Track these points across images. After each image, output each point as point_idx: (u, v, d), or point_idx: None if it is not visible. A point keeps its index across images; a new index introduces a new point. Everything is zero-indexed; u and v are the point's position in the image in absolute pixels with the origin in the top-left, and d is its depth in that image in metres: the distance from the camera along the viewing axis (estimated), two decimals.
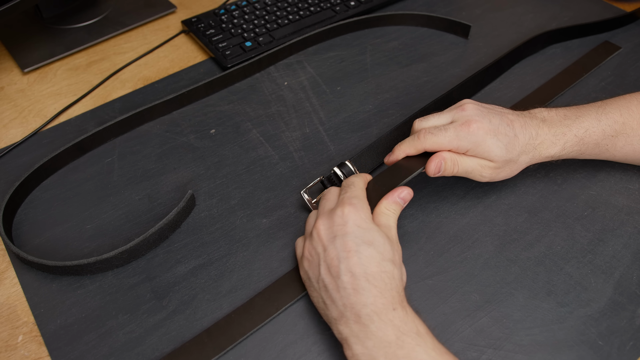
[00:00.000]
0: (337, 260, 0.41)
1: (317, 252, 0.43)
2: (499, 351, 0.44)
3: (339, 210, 0.43)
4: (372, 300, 0.39)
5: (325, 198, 0.47)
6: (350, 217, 0.43)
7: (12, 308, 0.48)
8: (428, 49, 0.72)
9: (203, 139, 0.61)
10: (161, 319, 0.46)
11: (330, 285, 0.41)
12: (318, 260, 0.43)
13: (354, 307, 0.39)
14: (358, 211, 0.43)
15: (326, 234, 0.43)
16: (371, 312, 0.39)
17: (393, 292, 0.40)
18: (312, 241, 0.44)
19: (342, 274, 0.40)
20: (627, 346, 0.44)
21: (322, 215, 0.45)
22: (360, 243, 0.41)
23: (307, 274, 0.44)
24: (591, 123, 0.50)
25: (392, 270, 0.41)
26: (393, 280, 0.41)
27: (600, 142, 0.50)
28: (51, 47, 0.73)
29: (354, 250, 0.41)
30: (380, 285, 0.40)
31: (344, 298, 0.40)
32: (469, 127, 0.47)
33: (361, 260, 0.40)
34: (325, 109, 0.64)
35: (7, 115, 0.65)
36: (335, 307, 0.41)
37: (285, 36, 0.73)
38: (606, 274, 0.48)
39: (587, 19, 0.75)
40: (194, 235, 0.52)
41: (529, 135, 0.49)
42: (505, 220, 0.53)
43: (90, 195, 0.56)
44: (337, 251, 0.41)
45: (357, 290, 0.39)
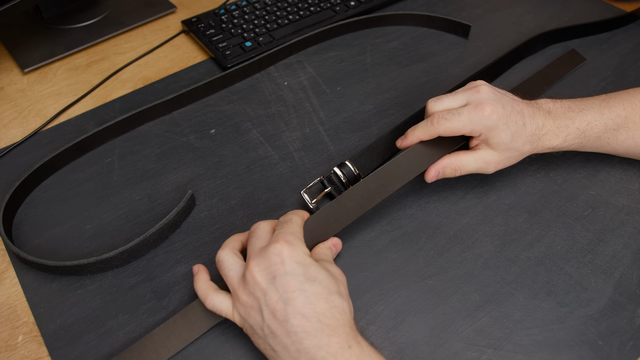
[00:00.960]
0: (282, 303, 0.38)
1: (255, 297, 0.39)
2: (499, 351, 0.44)
3: (272, 247, 0.40)
4: (326, 341, 0.37)
5: (254, 235, 0.43)
6: (287, 254, 0.39)
7: (12, 308, 0.48)
8: (428, 49, 0.72)
9: (203, 139, 0.61)
10: (161, 319, 0.46)
11: (279, 331, 0.38)
12: (258, 306, 0.39)
13: (308, 352, 0.37)
14: (294, 247, 0.40)
15: (263, 276, 0.39)
16: (327, 354, 0.36)
17: (346, 327, 0.38)
18: (247, 286, 0.40)
19: (290, 317, 0.37)
20: (627, 346, 0.44)
21: (254, 255, 0.41)
22: (303, 281, 0.38)
23: (246, 322, 0.40)
24: (594, 116, 0.50)
25: (342, 304, 0.39)
26: (344, 315, 0.39)
27: (602, 135, 0.50)
28: (51, 47, 0.73)
29: (299, 290, 0.38)
30: (332, 322, 0.38)
31: (296, 343, 0.37)
32: (484, 110, 0.47)
33: (308, 299, 0.38)
34: (325, 109, 0.64)
35: (7, 115, 0.65)
36: (287, 353, 0.38)
37: (285, 36, 0.73)
38: (606, 274, 0.48)
39: (587, 19, 0.75)
40: (194, 235, 0.52)
41: (535, 126, 0.49)
42: (505, 220, 0.53)
43: (90, 195, 0.56)
44: (280, 293, 0.38)
45: (309, 333, 0.37)
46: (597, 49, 0.71)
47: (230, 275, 0.42)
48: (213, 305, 0.42)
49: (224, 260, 0.43)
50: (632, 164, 0.57)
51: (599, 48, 0.71)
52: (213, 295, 0.43)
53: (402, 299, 0.47)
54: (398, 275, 0.49)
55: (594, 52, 0.71)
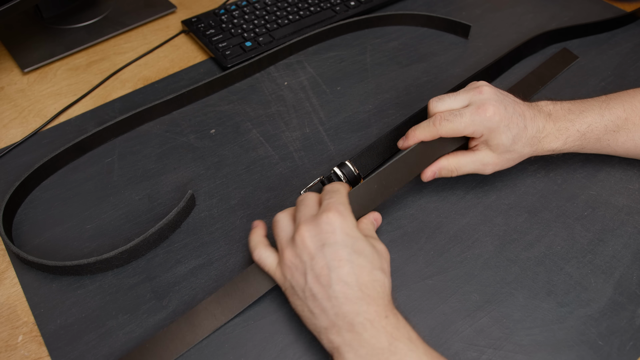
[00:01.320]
0: (327, 269, 0.39)
1: (302, 261, 0.41)
2: (499, 351, 0.44)
3: (324, 216, 0.41)
4: (365, 308, 0.38)
5: (303, 204, 0.44)
6: (338, 225, 0.41)
7: (12, 308, 0.48)
8: (428, 49, 0.72)
9: (203, 139, 0.61)
10: (161, 319, 0.46)
11: (320, 294, 0.40)
12: (304, 268, 0.41)
13: (346, 316, 0.38)
14: (345, 219, 0.42)
15: (313, 242, 0.41)
16: (364, 320, 0.38)
17: (385, 299, 0.40)
18: (295, 248, 0.41)
19: (333, 283, 0.39)
20: (627, 346, 0.44)
21: (306, 221, 0.42)
22: (351, 252, 0.40)
23: (289, 282, 0.42)
24: (594, 118, 0.50)
25: (383, 279, 0.41)
26: (384, 289, 0.40)
27: (602, 137, 0.51)
28: (51, 47, 0.73)
29: (346, 260, 0.40)
30: (372, 293, 0.39)
31: (335, 307, 0.39)
32: (486, 112, 0.47)
33: (353, 269, 0.40)
34: (325, 109, 0.64)
35: (7, 115, 0.65)
36: (325, 316, 0.39)
37: (285, 36, 0.73)
38: (606, 274, 0.48)
39: (587, 19, 0.75)
40: (194, 235, 0.52)
41: (536, 128, 0.49)
42: (505, 220, 0.53)
43: (90, 195, 0.56)
44: (327, 260, 0.40)
45: (350, 299, 0.39)
46: (597, 49, 0.71)
47: (282, 235, 0.44)
48: (259, 257, 0.44)
49: (280, 220, 0.45)
50: (632, 164, 0.57)
51: (599, 48, 0.71)
52: (262, 248, 0.45)
53: (402, 299, 0.47)
54: (398, 275, 0.49)
55: (594, 52, 0.71)
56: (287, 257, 0.42)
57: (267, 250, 0.45)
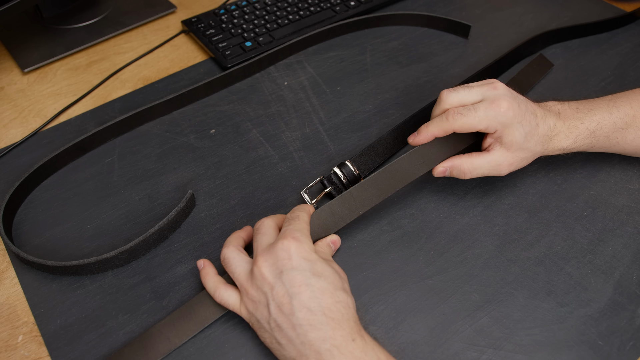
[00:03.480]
0: (287, 297, 0.39)
1: (263, 292, 0.40)
2: (499, 351, 0.44)
3: (279, 244, 0.41)
4: (330, 334, 0.38)
5: (259, 232, 0.44)
6: (294, 250, 0.40)
7: (12, 308, 0.48)
8: (428, 49, 0.72)
9: (203, 139, 0.61)
10: (161, 319, 0.46)
11: (284, 324, 0.39)
12: (266, 300, 0.40)
13: (313, 344, 0.38)
14: (301, 244, 0.41)
15: (271, 271, 0.40)
16: (331, 346, 0.37)
17: (350, 322, 0.39)
18: (255, 281, 0.41)
19: (296, 310, 0.38)
20: (627, 346, 0.44)
21: (262, 252, 0.42)
22: (309, 276, 0.40)
23: (253, 316, 0.41)
24: (603, 116, 0.50)
25: (346, 299, 0.40)
26: (348, 310, 0.40)
27: (611, 135, 0.50)
28: (51, 47, 0.73)
29: (305, 284, 0.39)
30: (337, 316, 0.39)
31: (301, 336, 0.38)
32: (500, 107, 0.46)
33: (314, 294, 0.39)
34: (325, 109, 0.64)
35: (7, 115, 0.65)
36: (292, 346, 0.39)
37: (285, 36, 0.73)
38: (606, 274, 0.48)
39: (587, 19, 0.75)
40: (194, 235, 0.52)
41: (547, 127, 0.49)
42: (505, 220, 0.53)
43: (90, 195, 0.56)
44: (286, 287, 0.39)
45: (314, 326, 0.38)
46: (597, 49, 0.71)
47: (238, 272, 0.43)
48: (221, 299, 0.44)
49: (230, 257, 0.44)
50: (632, 164, 0.57)
51: (599, 48, 0.71)
52: (222, 289, 0.44)
53: (402, 299, 0.47)
54: (398, 275, 0.49)
55: (594, 52, 0.71)
56: (248, 292, 0.41)
57: (227, 290, 0.44)
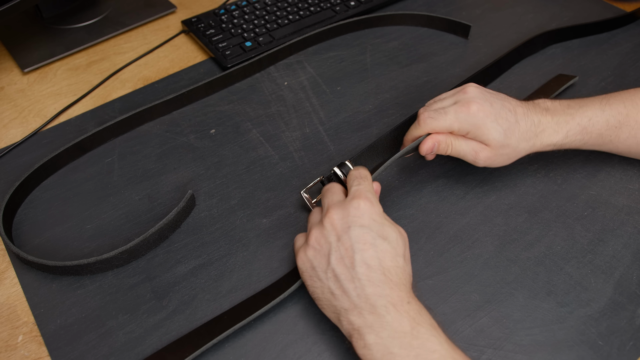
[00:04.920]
0: (351, 250, 0.41)
1: (327, 241, 0.42)
2: (499, 351, 0.44)
3: (355, 202, 0.43)
4: (388, 292, 0.39)
5: (330, 191, 0.47)
6: (367, 210, 0.42)
7: (12, 308, 0.48)
8: (428, 49, 0.72)
9: (203, 139, 0.61)
10: (161, 319, 0.46)
11: (343, 275, 0.41)
12: (329, 249, 0.42)
13: (369, 298, 0.39)
14: (373, 205, 0.43)
15: (341, 224, 0.42)
16: (387, 303, 0.39)
17: (407, 286, 0.41)
18: (323, 230, 0.43)
19: (357, 265, 0.40)
20: (627, 346, 0.44)
21: (334, 205, 0.44)
22: (376, 236, 0.41)
23: (310, 262, 0.43)
24: (595, 112, 0.50)
25: (404, 266, 0.42)
26: (405, 275, 0.41)
27: (604, 132, 0.50)
28: (51, 47, 0.73)
29: (370, 243, 0.41)
30: (394, 279, 0.40)
31: (358, 289, 0.40)
32: (469, 109, 0.48)
33: (377, 254, 0.41)
34: (325, 109, 0.64)
35: (7, 115, 0.65)
36: (347, 297, 0.40)
37: (285, 36, 0.73)
38: (606, 274, 0.48)
39: (587, 19, 0.75)
40: (194, 235, 0.52)
41: (530, 122, 0.49)
42: (505, 220, 0.53)
43: (90, 195, 0.56)
44: (352, 242, 0.41)
45: (373, 282, 0.40)
46: (597, 49, 0.71)
47: (312, 220, 0.46)
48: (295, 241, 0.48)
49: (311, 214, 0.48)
50: (632, 164, 0.57)
51: (599, 48, 0.71)
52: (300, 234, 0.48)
53: None
54: None
55: (594, 52, 0.71)
56: (313, 237, 0.43)
57: (302, 235, 0.47)
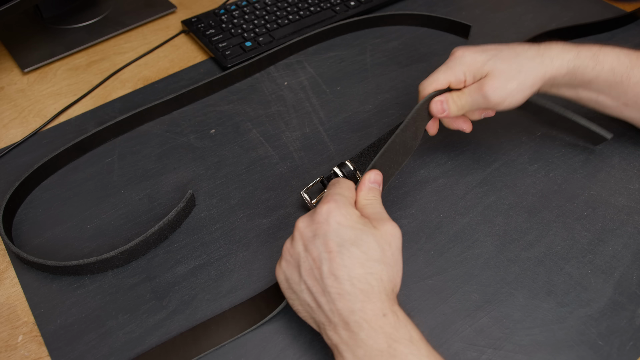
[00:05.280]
0: (319, 261, 0.38)
1: (297, 252, 0.40)
2: (499, 351, 0.44)
3: (319, 207, 0.40)
4: (359, 306, 0.37)
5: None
6: (331, 214, 0.39)
7: (12, 308, 0.48)
8: (428, 49, 0.72)
9: (203, 139, 0.61)
10: (161, 319, 0.46)
11: (314, 287, 0.38)
12: (298, 260, 0.40)
13: (341, 314, 0.37)
14: (340, 207, 0.40)
15: (307, 232, 0.40)
16: (360, 319, 0.36)
17: (382, 295, 0.37)
18: (292, 241, 0.41)
19: (324, 276, 0.38)
20: (627, 346, 0.44)
21: (303, 216, 0.42)
22: (341, 243, 0.38)
23: (284, 275, 0.41)
24: (604, 46, 0.50)
25: (380, 271, 0.38)
26: (381, 283, 0.38)
27: (616, 67, 0.49)
28: (51, 47, 0.73)
29: (336, 251, 0.38)
30: (366, 288, 0.37)
31: (330, 303, 0.37)
32: (454, 55, 0.49)
33: (344, 262, 0.37)
34: (325, 109, 0.64)
35: (7, 115, 0.65)
36: (321, 311, 0.38)
37: (285, 36, 0.73)
38: (606, 274, 0.48)
39: (587, 19, 0.75)
40: (194, 235, 0.52)
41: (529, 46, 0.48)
42: (505, 220, 0.53)
43: (90, 195, 0.56)
44: (319, 251, 0.38)
45: (342, 295, 0.37)
46: None
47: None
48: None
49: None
50: (632, 163, 0.57)
51: None
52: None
53: (402, 299, 0.47)
54: None
55: None
56: (285, 250, 0.42)
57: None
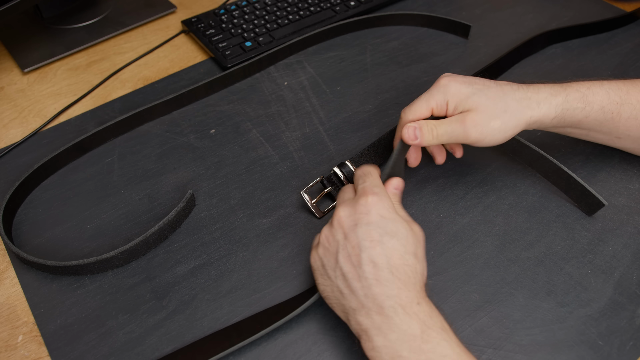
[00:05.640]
0: (358, 248, 0.40)
1: (335, 240, 0.41)
2: (499, 351, 0.44)
3: (362, 199, 0.42)
4: (396, 292, 0.38)
5: (343, 191, 0.46)
6: (374, 206, 0.41)
7: (12, 308, 0.48)
8: (428, 49, 0.72)
9: (203, 139, 0.61)
10: (161, 319, 0.46)
11: (350, 273, 0.40)
12: (336, 247, 0.41)
13: (376, 298, 0.38)
14: (382, 200, 0.42)
15: (348, 221, 0.41)
16: (395, 304, 0.38)
17: (417, 285, 0.39)
18: (331, 228, 0.42)
19: (363, 263, 0.39)
20: (627, 346, 0.44)
21: (344, 203, 0.43)
22: (383, 233, 0.40)
23: (321, 260, 0.43)
24: (592, 84, 0.49)
25: (415, 264, 0.40)
26: (415, 274, 0.40)
27: (606, 106, 0.48)
28: (51, 47, 0.73)
29: (377, 240, 0.39)
30: (403, 278, 0.39)
31: (365, 288, 0.39)
32: (439, 82, 0.48)
33: (384, 251, 0.39)
34: (325, 109, 0.64)
35: (7, 115, 0.65)
36: (354, 297, 0.39)
37: (285, 36, 0.73)
38: (606, 274, 0.48)
39: (587, 19, 0.75)
40: (194, 235, 0.52)
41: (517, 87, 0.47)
42: (505, 220, 0.53)
43: (90, 195, 0.56)
44: (359, 239, 0.40)
45: (380, 282, 0.38)
46: (597, 49, 0.71)
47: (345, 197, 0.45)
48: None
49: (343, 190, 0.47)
50: (632, 163, 0.57)
51: (599, 48, 0.71)
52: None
53: None
54: None
55: (594, 52, 0.71)
56: (322, 235, 0.43)
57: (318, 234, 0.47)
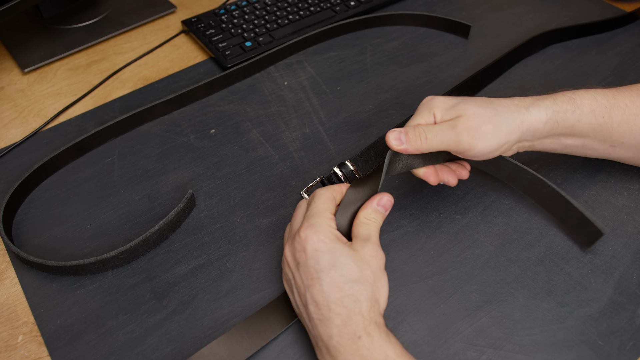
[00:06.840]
0: (303, 288, 0.40)
1: (288, 279, 0.43)
2: (499, 351, 0.44)
3: (297, 236, 0.41)
4: (336, 331, 0.38)
5: (295, 215, 0.45)
6: (308, 242, 0.40)
7: (12, 308, 0.48)
8: (428, 49, 0.72)
9: (203, 139, 0.61)
10: (161, 319, 0.46)
11: (303, 313, 0.41)
12: (291, 287, 0.43)
13: (322, 339, 0.39)
14: (316, 233, 0.41)
15: (292, 262, 0.42)
16: (337, 343, 0.38)
17: (358, 316, 0.38)
18: (284, 267, 0.44)
19: (308, 303, 0.40)
20: (627, 346, 0.44)
21: (288, 239, 0.44)
22: (319, 269, 0.39)
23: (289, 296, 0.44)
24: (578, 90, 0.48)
25: (357, 292, 0.39)
26: (357, 303, 0.38)
27: (595, 109, 0.47)
28: (51, 47, 0.73)
29: (316, 278, 0.39)
30: (343, 312, 0.38)
31: (314, 328, 0.40)
32: (422, 102, 0.48)
33: (323, 288, 0.39)
34: (325, 109, 0.64)
35: (7, 115, 0.65)
36: (311, 335, 0.41)
37: (285, 36, 0.73)
38: (606, 274, 0.48)
39: (587, 19, 0.75)
40: (194, 235, 0.52)
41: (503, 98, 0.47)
42: (505, 220, 0.53)
43: (90, 195, 0.56)
44: (302, 279, 0.40)
45: (322, 321, 0.39)
46: (597, 49, 0.71)
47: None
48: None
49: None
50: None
51: (599, 48, 0.71)
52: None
53: (402, 299, 0.47)
54: (398, 275, 0.49)
55: (594, 52, 0.71)
56: (283, 275, 0.45)
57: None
